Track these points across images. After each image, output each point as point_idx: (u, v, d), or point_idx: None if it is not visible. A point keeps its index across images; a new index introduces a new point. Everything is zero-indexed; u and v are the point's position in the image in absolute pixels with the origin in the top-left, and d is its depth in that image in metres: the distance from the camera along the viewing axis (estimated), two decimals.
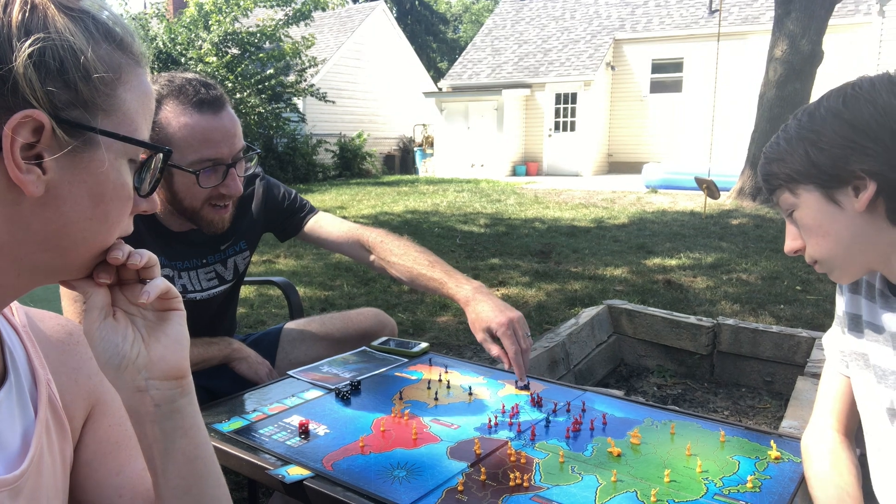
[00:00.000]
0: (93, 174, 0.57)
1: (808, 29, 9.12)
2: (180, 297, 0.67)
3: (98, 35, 0.57)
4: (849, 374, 1.08)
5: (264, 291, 4.65)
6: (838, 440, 1.07)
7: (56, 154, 0.54)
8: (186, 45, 13.49)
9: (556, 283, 4.96)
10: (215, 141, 1.41)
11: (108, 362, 0.63)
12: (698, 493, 1.06)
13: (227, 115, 1.45)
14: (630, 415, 1.36)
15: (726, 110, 14.35)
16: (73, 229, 0.57)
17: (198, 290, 1.64)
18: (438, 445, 1.22)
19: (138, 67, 0.61)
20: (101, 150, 0.57)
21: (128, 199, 0.61)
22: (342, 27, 18.81)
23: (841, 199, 0.92)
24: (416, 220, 8.37)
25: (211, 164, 1.42)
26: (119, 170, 0.59)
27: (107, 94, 0.57)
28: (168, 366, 0.65)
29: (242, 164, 1.51)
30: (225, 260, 1.69)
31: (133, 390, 0.64)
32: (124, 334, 0.64)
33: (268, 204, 1.75)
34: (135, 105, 0.60)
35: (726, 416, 2.73)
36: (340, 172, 16.84)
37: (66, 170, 0.55)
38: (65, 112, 0.54)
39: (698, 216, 8.44)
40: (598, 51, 16.87)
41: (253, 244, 1.76)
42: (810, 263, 1.02)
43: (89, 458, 0.72)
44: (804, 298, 4.44)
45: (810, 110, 0.95)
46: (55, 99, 0.53)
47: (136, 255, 0.63)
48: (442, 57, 34.92)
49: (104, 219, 0.59)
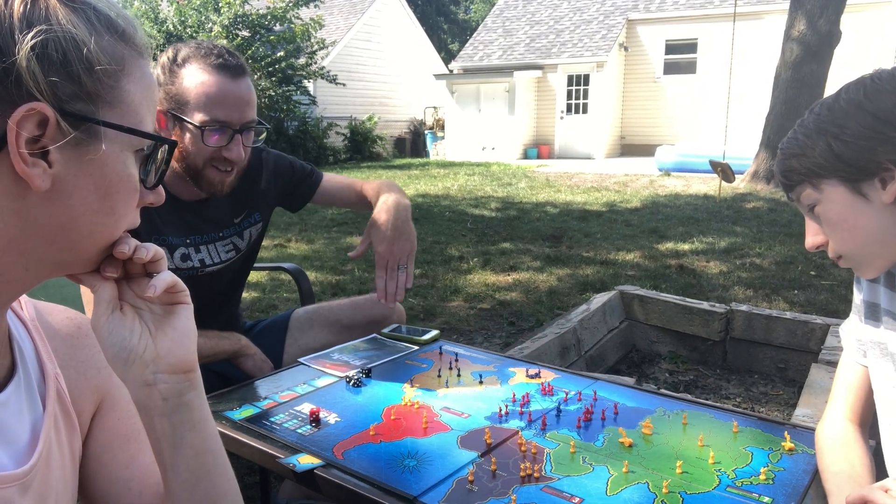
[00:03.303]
0: (99, 167, 0.56)
1: (826, 8, 8.95)
2: (187, 290, 0.66)
3: (100, 26, 0.56)
4: (866, 364, 1.06)
5: (276, 276, 4.66)
6: (852, 431, 1.06)
7: (62, 147, 0.54)
8: (197, 28, 13.43)
9: (568, 268, 4.94)
10: (227, 104, 1.46)
11: (115, 356, 0.63)
12: (711, 485, 1.05)
13: (245, 83, 1.50)
14: (642, 404, 1.35)
15: (741, 92, 14.16)
16: (80, 222, 0.57)
17: (217, 262, 1.67)
18: (449, 434, 1.22)
19: (141, 59, 0.60)
20: (107, 143, 0.56)
21: (134, 191, 0.61)
22: (352, 9, 18.66)
23: (867, 191, 0.90)
24: (427, 204, 8.35)
25: (218, 126, 1.46)
26: (125, 162, 0.59)
27: (110, 85, 0.56)
28: (176, 359, 0.65)
29: (251, 136, 1.54)
30: (241, 232, 1.72)
31: (141, 384, 0.64)
32: (131, 328, 0.63)
33: (279, 171, 1.78)
34: (139, 97, 0.59)
35: (738, 402, 2.71)
36: (351, 156, 16.80)
37: (71, 163, 0.55)
38: (69, 104, 0.54)
39: (712, 200, 8.36)
40: (611, 31, 16.66)
41: (266, 215, 1.78)
42: (833, 259, 1.00)
43: (98, 451, 0.72)
44: (818, 284, 4.39)
45: (828, 103, 0.93)
46: (59, 91, 0.53)
47: (142, 249, 0.62)
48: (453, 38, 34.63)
49: (111, 211, 0.59)
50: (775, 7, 14.62)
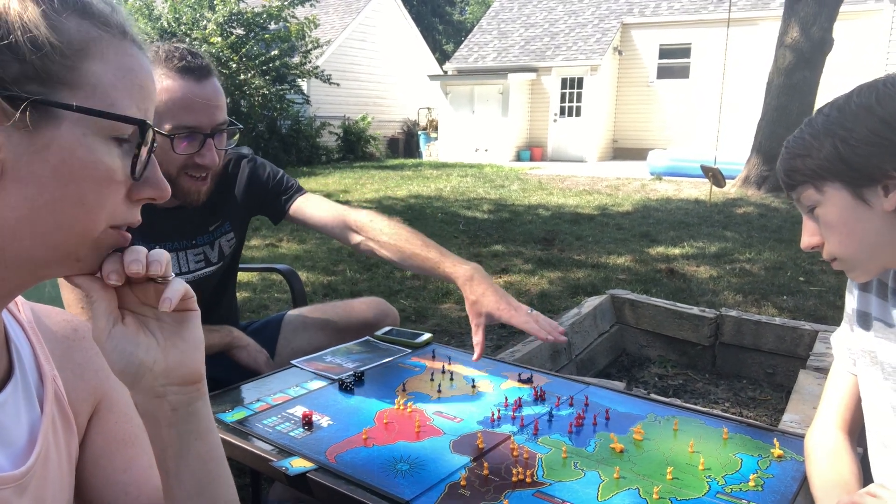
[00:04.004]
0: (55, 152, 0.53)
1: (819, 15, 9.03)
2: (195, 296, 0.64)
3: (60, 6, 0.53)
4: (856, 373, 1.08)
5: (267, 276, 4.65)
6: (842, 439, 1.07)
7: (8, 131, 0.50)
8: (191, 26, 13.38)
9: (559, 271, 4.96)
10: (195, 108, 1.41)
11: (123, 371, 0.61)
12: (700, 491, 1.06)
13: (211, 84, 1.44)
14: (633, 410, 1.37)
15: (734, 97, 14.25)
16: (42, 213, 0.53)
17: (185, 272, 1.62)
18: (441, 439, 1.22)
19: (120, 41, 0.57)
20: (65, 127, 0.53)
21: (106, 179, 0.56)
22: (347, 8, 18.64)
23: (869, 197, 0.90)
24: (419, 205, 8.35)
25: (187, 132, 1.41)
26: (90, 147, 0.54)
27: (68, 66, 0.53)
28: (187, 371, 0.63)
29: (223, 138, 1.49)
30: (213, 241, 1.67)
31: (151, 396, 0.62)
32: (137, 341, 0.61)
33: (252, 185, 1.72)
34: (110, 79, 0.55)
35: (727, 407, 2.73)
36: (344, 155, 16.77)
37: (22, 147, 0.51)
38: (15, 85, 0.50)
39: (703, 204, 8.41)
40: (606, 35, 16.72)
41: (239, 228, 1.73)
42: (828, 260, 1.00)
43: (96, 454, 0.72)
44: (807, 290, 4.43)
45: (839, 105, 0.92)
46: (1, 72, 0.50)
47: (155, 265, 0.60)
48: (448, 39, 34.65)
49: (78, 202, 0.54)
50: (769, 13, 14.71)
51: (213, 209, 1.64)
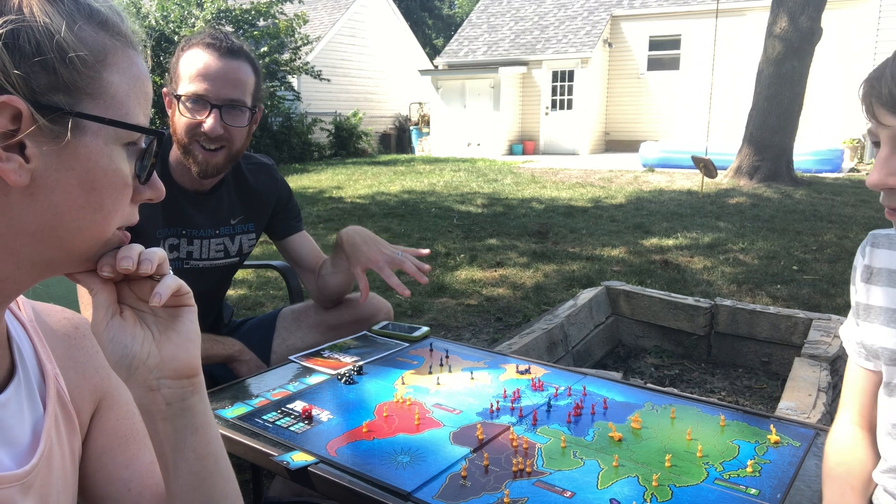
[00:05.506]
0: (81, 161, 0.54)
1: (808, 5, 9.04)
2: (191, 292, 0.66)
3: (79, 16, 0.55)
4: (868, 366, 1.05)
5: (263, 273, 4.65)
6: (860, 435, 1.05)
7: (39, 142, 0.52)
8: (179, 23, 13.29)
9: (554, 264, 4.97)
10: (207, 77, 1.49)
11: (118, 363, 0.62)
12: (699, 478, 1.07)
13: (234, 63, 1.52)
14: (631, 399, 1.37)
15: (724, 88, 14.27)
16: (65, 219, 0.55)
17: (204, 258, 1.68)
18: (441, 430, 1.23)
19: (129, 49, 0.58)
20: (90, 136, 0.54)
21: (123, 186, 0.58)
22: (336, 4, 18.55)
23: None
24: (412, 201, 8.35)
25: (195, 98, 1.49)
26: (111, 156, 0.56)
27: (90, 76, 0.54)
28: (180, 364, 0.64)
29: (234, 115, 1.53)
30: (234, 235, 1.73)
31: (145, 389, 0.63)
32: (133, 334, 0.63)
33: (280, 197, 1.81)
34: (124, 88, 0.57)
35: (723, 396, 2.75)
36: (336, 152, 16.73)
37: (52, 157, 0.53)
38: (45, 97, 0.52)
39: (695, 195, 8.43)
40: (595, 27, 16.71)
41: (259, 230, 1.79)
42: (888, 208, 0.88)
43: (98, 451, 0.72)
44: (801, 278, 4.46)
45: None
46: (32, 83, 0.51)
47: (146, 263, 0.61)
48: (438, 34, 34.55)
49: (98, 207, 0.57)
50: (757, 3, 14.73)
51: (241, 203, 1.72)
